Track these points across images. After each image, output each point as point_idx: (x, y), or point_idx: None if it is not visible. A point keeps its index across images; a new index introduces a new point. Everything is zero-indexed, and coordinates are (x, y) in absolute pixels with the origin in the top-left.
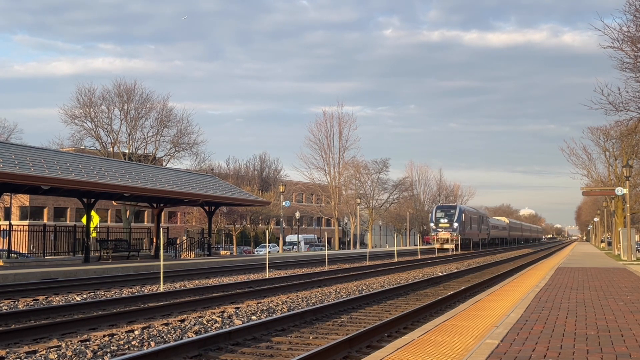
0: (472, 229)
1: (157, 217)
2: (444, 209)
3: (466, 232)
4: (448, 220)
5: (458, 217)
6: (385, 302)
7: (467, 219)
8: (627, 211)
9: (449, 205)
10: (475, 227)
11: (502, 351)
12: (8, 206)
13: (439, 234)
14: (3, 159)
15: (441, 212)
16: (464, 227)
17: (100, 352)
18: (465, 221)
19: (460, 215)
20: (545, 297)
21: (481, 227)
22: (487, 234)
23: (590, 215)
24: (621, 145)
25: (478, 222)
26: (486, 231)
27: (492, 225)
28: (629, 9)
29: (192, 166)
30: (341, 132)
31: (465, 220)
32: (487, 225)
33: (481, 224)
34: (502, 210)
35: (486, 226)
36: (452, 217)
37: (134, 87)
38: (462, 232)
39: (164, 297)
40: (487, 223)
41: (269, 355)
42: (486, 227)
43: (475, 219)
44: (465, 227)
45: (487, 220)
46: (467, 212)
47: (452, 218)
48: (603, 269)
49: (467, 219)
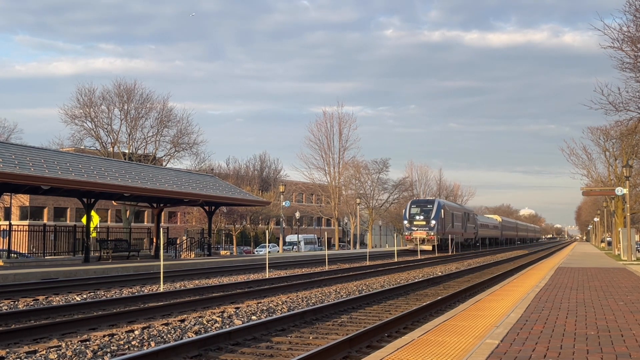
0: (454, 228)
1: (157, 217)
2: (419, 204)
3: (446, 231)
4: (424, 217)
5: (436, 214)
6: (385, 302)
7: (447, 216)
8: (627, 211)
9: (425, 200)
10: (459, 226)
11: (502, 351)
12: (8, 206)
13: (413, 233)
14: (3, 159)
15: (416, 207)
16: (444, 225)
17: (100, 352)
18: (446, 218)
19: (439, 212)
20: (546, 297)
21: (466, 226)
22: (474, 233)
23: (590, 215)
24: (621, 145)
25: (462, 219)
26: (473, 230)
27: (480, 224)
28: (629, 9)
29: (192, 166)
30: (341, 132)
31: (446, 217)
32: (474, 223)
33: (466, 222)
34: (502, 210)
35: (473, 224)
36: (429, 213)
37: (134, 87)
38: (442, 231)
39: (164, 297)
40: (474, 221)
41: (269, 355)
42: (473, 225)
43: (458, 216)
44: (445, 225)
45: (474, 217)
46: (448, 207)
47: (429, 214)
48: (603, 269)
49: (447, 215)
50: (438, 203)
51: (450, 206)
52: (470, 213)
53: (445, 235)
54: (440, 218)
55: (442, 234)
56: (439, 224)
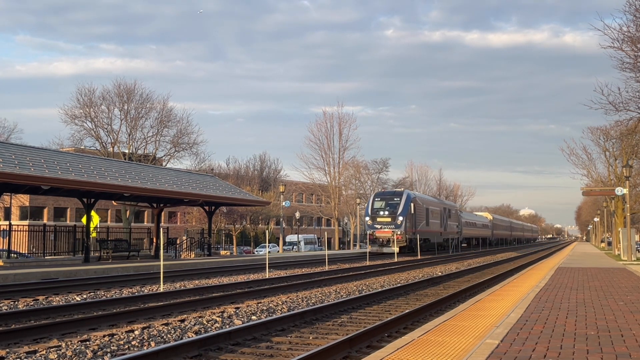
0: (429, 226)
1: (157, 217)
2: (384, 196)
3: (418, 229)
4: (389, 213)
5: (404, 208)
6: (385, 302)
7: (420, 212)
8: (627, 211)
9: (392, 191)
10: (437, 224)
11: (502, 351)
12: (8, 206)
13: (376, 232)
14: (3, 159)
15: (380, 201)
16: (415, 221)
17: (100, 352)
18: (418, 214)
19: (408, 206)
20: (546, 297)
21: (447, 224)
22: (457, 232)
23: (590, 215)
24: (621, 145)
25: (441, 216)
26: (456, 229)
27: (465, 222)
28: (629, 9)
29: (192, 166)
30: (341, 132)
31: (418, 213)
32: (456, 221)
33: (446, 219)
34: (502, 210)
35: (455, 222)
36: (395, 207)
37: (134, 87)
38: (412, 229)
39: (164, 297)
40: (457, 218)
41: (269, 355)
42: (455, 223)
43: (435, 212)
44: (416, 222)
45: (457, 214)
46: (422, 201)
47: (395, 209)
48: (603, 269)
49: (420, 211)
50: (407, 195)
51: (425, 200)
52: (451, 209)
53: (417, 234)
54: (410, 213)
55: (411, 233)
56: (407, 221)
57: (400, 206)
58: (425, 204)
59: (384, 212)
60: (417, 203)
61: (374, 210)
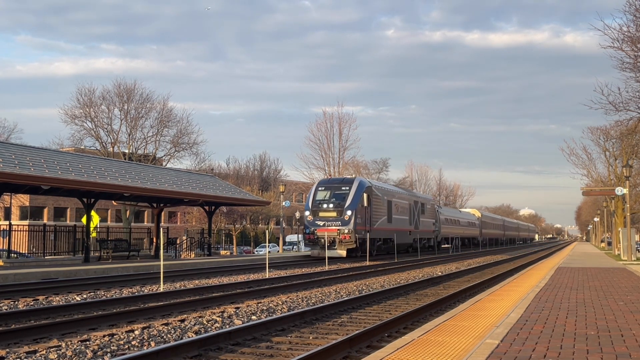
0: (393, 222)
1: (157, 217)
2: (330, 185)
3: (375, 227)
4: (335, 206)
5: (354, 200)
6: (385, 302)
7: (378, 204)
8: (627, 211)
9: (340, 178)
10: (404, 220)
11: (502, 351)
12: (8, 206)
13: (317, 230)
14: (3, 159)
15: (325, 190)
16: (370, 217)
17: (100, 352)
18: (375, 207)
19: (359, 197)
20: (546, 297)
21: (418, 220)
22: (432, 231)
23: (590, 215)
24: (621, 145)
25: (411, 211)
26: (431, 227)
27: (445, 219)
28: (629, 9)
29: (192, 166)
30: (341, 132)
31: (375, 206)
32: (433, 217)
33: (418, 215)
34: (502, 210)
35: (431, 219)
36: (343, 199)
37: (134, 87)
38: (364, 226)
39: (164, 297)
40: (433, 214)
41: (269, 355)
42: (432, 220)
43: (402, 206)
44: (372, 218)
45: (434, 210)
46: (380, 191)
47: (342, 201)
48: (603, 269)
49: (378, 203)
50: (360, 183)
51: (386, 190)
52: (425, 203)
53: (374, 233)
54: (362, 206)
55: (364, 231)
56: (358, 216)
57: (349, 197)
58: (387, 195)
59: (328, 204)
60: (373, 193)
61: (315, 203)
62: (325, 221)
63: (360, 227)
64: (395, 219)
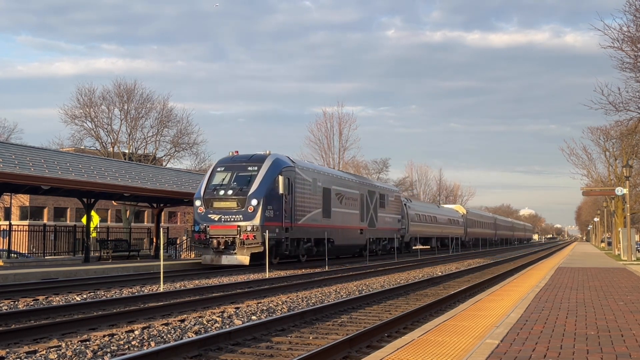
0: (333, 217)
1: (157, 217)
2: (233, 164)
3: (301, 223)
4: (235, 193)
5: (263, 184)
6: (385, 302)
7: (303, 191)
8: (627, 211)
9: (247, 156)
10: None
11: (502, 351)
12: (8, 206)
13: (210, 226)
14: (3, 159)
15: (225, 171)
16: (293, 208)
17: (100, 352)
18: (301, 196)
19: (272, 180)
20: (546, 297)
21: (374, 216)
22: (398, 229)
23: (590, 215)
24: (621, 145)
25: (362, 203)
26: (396, 224)
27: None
28: (629, 9)
29: (192, 166)
30: (341, 132)
31: (301, 195)
32: (398, 212)
33: (375, 210)
34: (502, 210)
35: (396, 215)
36: (247, 183)
37: (134, 87)
38: (280, 222)
39: (164, 297)
40: (400, 209)
41: (269, 355)
42: (396, 216)
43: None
44: (297, 211)
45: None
46: (308, 174)
47: (247, 186)
48: (603, 269)
49: (307, 190)
50: (274, 163)
51: (319, 173)
52: (386, 194)
53: (295, 231)
54: (277, 194)
55: (279, 229)
56: (268, 207)
57: (256, 180)
58: (322, 181)
59: (227, 190)
60: (297, 177)
61: (210, 189)
62: (222, 214)
63: (272, 222)
64: (337, 212)
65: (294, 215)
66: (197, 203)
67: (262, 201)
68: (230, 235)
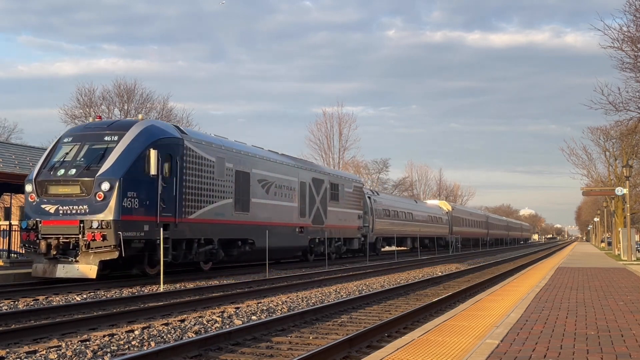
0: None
1: None
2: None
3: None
4: (79, 172)
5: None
6: (385, 302)
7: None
8: (627, 211)
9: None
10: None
11: (502, 351)
12: (8, 206)
13: (42, 222)
14: (3, 159)
15: (72, 143)
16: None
17: (100, 352)
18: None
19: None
20: (546, 297)
21: (322, 211)
22: (356, 227)
23: (590, 215)
24: (621, 145)
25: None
26: (352, 221)
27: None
28: (629, 9)
29: None
30: (341, 132)
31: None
32: (359, 207)
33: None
34: (502, 210)
35: (356, 209)
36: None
37: (134, 87)
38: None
39: (164, 297)
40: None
41: (269, 355)
42: (356, 211)
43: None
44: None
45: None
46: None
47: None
48: (603, 269)
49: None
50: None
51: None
52: (341, 184)
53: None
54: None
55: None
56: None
57: (112, 155)
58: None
59: (68, 170)
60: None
61: (47, 169)
62: (60, 204)
63: (137, 216)
64: (260, 204)
65: (180, 206)
66: (27, 188)
67: (118, 185)
68: (71, 235)
